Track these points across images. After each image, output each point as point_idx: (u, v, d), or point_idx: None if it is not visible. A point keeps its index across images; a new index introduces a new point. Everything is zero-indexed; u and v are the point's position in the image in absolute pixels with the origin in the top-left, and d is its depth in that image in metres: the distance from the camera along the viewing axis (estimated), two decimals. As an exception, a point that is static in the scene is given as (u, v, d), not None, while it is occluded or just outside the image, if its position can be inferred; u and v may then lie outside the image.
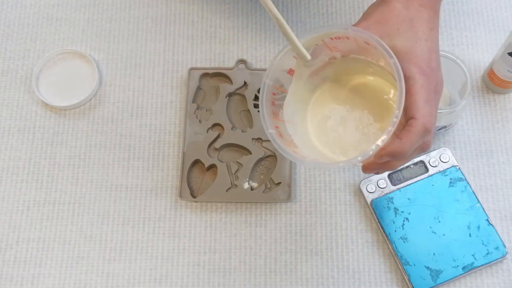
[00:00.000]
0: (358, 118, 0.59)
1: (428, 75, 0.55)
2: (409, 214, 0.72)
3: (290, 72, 0.59)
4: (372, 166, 0.56)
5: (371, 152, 0.52)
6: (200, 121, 0.78)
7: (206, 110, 0.79)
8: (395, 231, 0.71)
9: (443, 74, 0.74)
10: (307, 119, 0.61)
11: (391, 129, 0.52)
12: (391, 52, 0.53)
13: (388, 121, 0.54)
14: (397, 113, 0.52)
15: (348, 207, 0.74)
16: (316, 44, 0.58)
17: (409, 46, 0.55)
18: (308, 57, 0.56)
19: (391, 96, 0.59)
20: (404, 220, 0.72)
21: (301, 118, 0.61)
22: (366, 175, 0.75)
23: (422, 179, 0.73)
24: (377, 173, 0.60)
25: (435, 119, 0.55)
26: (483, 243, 0.71)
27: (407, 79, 0.54)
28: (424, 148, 0.56)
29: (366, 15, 0.59)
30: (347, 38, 0.56)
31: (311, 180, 0.76)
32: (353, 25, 0.57)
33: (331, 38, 0.56)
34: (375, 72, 0.59)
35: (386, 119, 0.58)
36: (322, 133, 0.60)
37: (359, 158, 0.52)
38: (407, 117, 0.54)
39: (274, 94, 0.58)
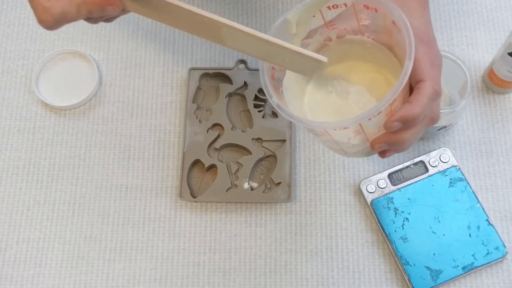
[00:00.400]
0: (357, 94, 0.58)
1: (429, 44, 0.55)
2: (409, 214, 0.72)
3: None
4: (381, 139, 0.54)
5: (389, 101, 0.49)
6: (200, 121, 0.78)
7: (206, 110, 0.79)
8: (395, 231, 0.71)
9: (443, 74, 0.74)
10: (304, 100, 0.60)
11: (404, 76, 0.49)
12: (394, 5, 0.51)
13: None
14: (408, 63, 0.49)
15: (348, 207, 0.74)
16: (314, 16, 0.56)
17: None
18: (325, 59, 0.54)
19: (391, 80, 0.58)
20: (404, 220, 0.72)
21: (301, 94, 0.60)
22: (366, 175, 0.75)
23: (422, 179, 0.73)
24: (383, 154, 0.57)
25: (440, 85, 0.54)
26: (483, 243, 0.71)
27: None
28: (433, 119, 0.55)
29: None
30: (345, 5, 0.55)
31: (311, 180, 0.76)
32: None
33: (329, 8, 0.55)
34: (370, 56, 0.58)
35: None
36: (323, 107, 0.59)
37: (374, 108, 0.49)
38: (415, 81, 0.52)
39: (273, 68, 0.57)
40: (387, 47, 0.57)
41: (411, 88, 0.54)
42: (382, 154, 0.57)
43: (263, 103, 0.78)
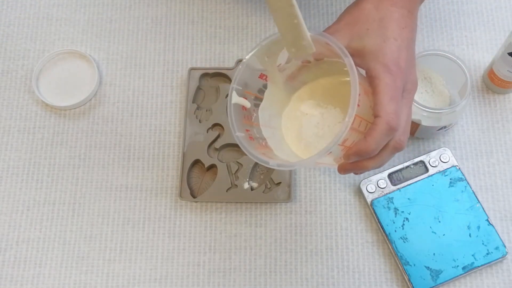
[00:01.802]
0: (333, 118, 0.59)
1: (394, 74, 0.55)
2: (409, 214, 0.72)
3: (261, 76, 0.60)
4: (345, 167, 0.56)
5: (327, 151, 0.51)
6: (200, 121, 0.78)
7: (206, 110, 0.79)
8: (395, 231, 0.71)
9: (443, 74, 0.74)
10: (283, 121, 0.61)
11: (341, 133, 0.51)
12: (345, 51, 0.53)
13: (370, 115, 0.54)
14: (350, 112, 0.51)
15: (348, 207, 0.74)
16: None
17: (377, 45, 0.55)
18: (313, 48, 0.55)
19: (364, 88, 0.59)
20: (404, 220, 0.72)
21: (279, 121, 0.61)
22: (366, 175, 0.75)
23: (422, 179, 0.73)
24: (356, 173, 0.59)
25: (404, 117, 0.55)
26: (483, 243, 0.71)
27: (373, 78, 0.54)
28: (397, 148, 0.56)
29: (338, 18, 0.59)
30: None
31: (311, 180, 0.76)
32: (325, 30, 0.57)
33: None
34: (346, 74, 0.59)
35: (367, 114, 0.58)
36: (298, 137, 0.60)
37: (316, 156, 0.52)
38: (374, 114, 0.54)
39: (245, 98, 0.59)
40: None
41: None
42: (354, 173, 0.59)
43: (263, 103, 0.78)
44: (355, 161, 0.55)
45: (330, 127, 0.59)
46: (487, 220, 0.71)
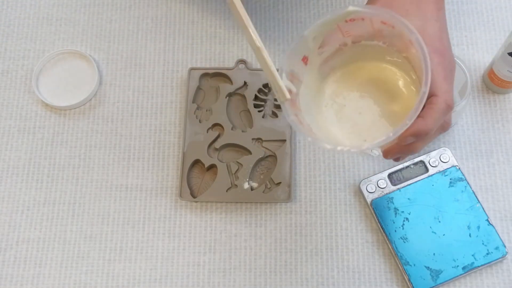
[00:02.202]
0: (373, 105, 0.59)
1: (442, 54, 0.55)
2: (409, 214, 0.72)
3: (304, 59, 0.59)
4: (394, 150, 0.55)
5: (405, 127, 0.51)
6: (200, 121, 0.78)
7: (206, 110, 0.79)
8: (395, 231, 0.71)
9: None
10: (322, 109, 0.61)
11: (420, 104, 0.51)
12: (411, 27, 0.52)
13: (402, 105, 0.54)
14: (424, 90, 0.51)
15: (348, 207, 0.74)
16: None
17: (420, 26, 0.55)
18: (287, 95, 0.55)
19: (402, 81, 0.59)
20: (404, 220, 0.72)
21: (317, 108, 0.61)
22: (366, 175, 0.75)
23: (422, 179, 0.73)
24: (397, 160, 0.59)
25: (453, 98, 0.55)
26: (483, 243, 0.71)
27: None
28: (444, 128, 0.56)
29: (369, 1, 0.59)
30: (362, 19, 0.55)
31: (311, 180, 0.76)
32: None
33: (346, 21, 0.56)
34: (384, 59, 0.59)
35: (401, 103, 0.57)
36: (339, 122, 0.60)
37: (391, 135, 0.51)
38: (428, 95, 0.53)
39: (291, 81, 0.57)
40: (401, 52, 0.58)
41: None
42: (396, 159, 0.58)
43: (263, 103, 0.78)
44: (407, 144, 0.54)
45: (374, 113, 0.59)
46: (487, 220, 0.71)
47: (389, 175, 0.74)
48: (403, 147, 0.55)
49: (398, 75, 0.59)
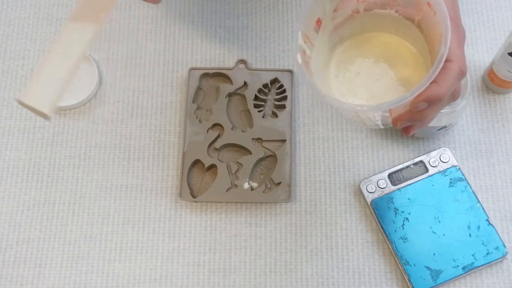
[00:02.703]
0: (388, 70, 0.59)
1: (455, 21, 0.55)
2: (409, 214, 0.72)
3: (318, 22, 0.59)
4: (405, 117, 0.55)
5: (422, 87, 0.51)
6: (200, 121, 0.78)
7: (206, 110, 0.79)
8: (395, 231, 0.71)
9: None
10: (329, 75, 0.61)
11: (439, 63, 0.51)
12: None
13: (415, 73, 0.54)
14: (443, 50, 0.51)
15: (348, 207, 0.74)
16: None
17: None
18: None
19: (412, 53, 0.59)
20: (404, 220, 0.72)
21: (324, 73, 0.61)
22: (366, 175, 0.75)
23: (422, 179, 0.73)
24: (406, 131, 0.58)
25: (466, 65, 0.55)
26: (483, 243, 0.71)
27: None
28: (455, 96, 0.56)
29: None
30: None
31: (311, 180, 0.76)
32: None
33: None
34: (394, 31, 0.60)
35: (412, 72, 0.57)
36: (353, 91, 0.60)
37: (408, 95, 0.51)
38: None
39: (304, 42, 0.58)
40: (413, 21, 0.58)
41: None
42: (406, 131, 0.58)
43: (263, 103, 0.78)
44: (418, 110, 0.54)
45: (388, 78, 0.59)
46: (487, 220, 0.71)
47: (389, 175, 0.74)
48: (414, 114, 0.54)
49: (408, 46, 0.60)
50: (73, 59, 0.53)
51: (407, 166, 0.74)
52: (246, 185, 0.74)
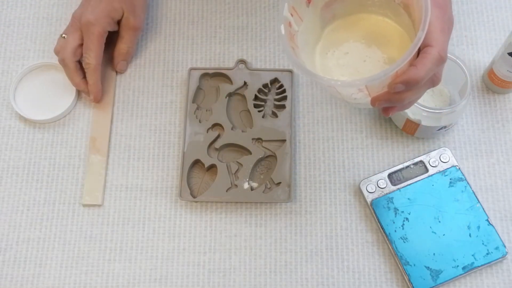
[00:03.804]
0: (377, 53, 0.60)
1: (443, 8, 0.56)
2: (409, 214, 0.72)
3: None
4: (382, 97, 0.56)
5: (396, 67, 0.52)
6: (200, 121, 0.78)
7: (206, 110, 0.79)
8: (395, 231, 0.71)
9: (443, 74, 0.74)
10: (317, 51, 0.62)
11: (414, 47, 0.51)
12: None
13: (401, 53, 0.55)
14: (420, 34, 0.52)
15: (348, 207, 0.74)
16: None
17: None
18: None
19: (401, 36, 0.60)
20: (404, 220, 0.72)
21: (312, 49, 0.62)
22: (366, 175, 0.75)
23: (422, 179, 0.73)
24: (384, 112, 0.59)
25: (447, 51, 0.56)
26: (483, 243, 0.71)
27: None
28: (434, 82, 0.57)
29: None
30: None
31: (311, 180, 0.76)
32: None
33: None
34: (385, 13, 0.61)
35: (402, 52, 0.58)
36: (340, 69, 0.61)
37: (382, 74, 0.52)
38: (423, 45, 0.54)
39: (292, 15, 0.58)
40: (402, 5, 0.59)
41: (418, 50, 0.55)
42: (385, 112, 0.59)
43: (263, 103, 0.78)
44: (396, 92, 0.55)
45: (376, 60, 0.60)
46: (487, 220, 0.71)
47: (389, 175, 0.74)
48: (392, 95, 0.55)
49: (398, 29, 0.61)
50: None
51: (407, 166, 0.74)
52: (246, 185, 0.74)
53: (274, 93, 0.79)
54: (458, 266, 0.70)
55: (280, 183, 0.74)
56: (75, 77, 0.77)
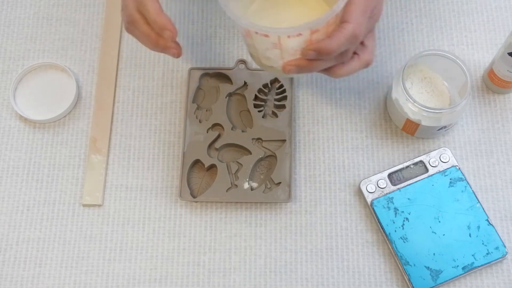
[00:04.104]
0: (302, 6, 0.63)
1: None
2: (409, 214, 0.72)
3: None
4: (294, 63, 0.60)
5: (305, 28, 0.55)
6: (200, 121, 0.78)
7: (206, 110, 0.79)
8: (395, 231, 0.71)
9: (443, 74, 0.74)
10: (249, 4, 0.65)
11: (327, 16, 0.55)
12: None
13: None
14: (335, 8, 0.55)
15: (348, 207, 0.74)
16: None
17: None
18: None
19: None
20: (404, 220, 0.72)
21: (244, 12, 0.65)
22: (366, 175, 0.75)
23: (422, 179, 0.73)
24: (298, 72, 0.62)
25: (365, 33, 0.60)
26: (483, 243, 0.71)
27: None
28: (368, 63, 0.62)
29: None
30: None
31: (311, 180, 0.76)
32: None
33: None
34: None
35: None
36: (265, 17, 0.64)
37: (293, 30, 0.55)
38: (342, 21, 0.58)
39: None
40: None
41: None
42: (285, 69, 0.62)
43: (263, 103, 0.78)
44: (305, 59, 0.59)
45: (298, 12, 0.64)
46: (487, 220, 0.71)
47: (389, 175, 0.74)
48: (303, 62, 0.59)
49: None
50: None
51: (407, 166, 0.74)
52: (246, 185, 0.74)
53: (274, 93, 0.79)
54: (458, 266, 0.70)
55: (280, 183, 0.74)
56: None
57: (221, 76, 0.80)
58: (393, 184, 0.74)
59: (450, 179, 0.73)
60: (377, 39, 0.81)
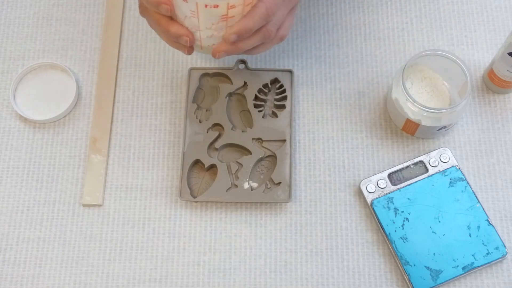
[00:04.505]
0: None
1: None
2: (409, 214, 0.72)
3: None
4: (221, 48, 0.65)
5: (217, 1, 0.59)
6: (200, 121, 0.78)
7: (206, 110, 0.79)
8: (395, 231, 0.71)
9: (443, 74, 0.74)
10: None
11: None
12: None
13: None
14: None
15: (348, 207, 0.74)
16: None
17: None
18: None
19: None
20: (404, 220, 0.72)
21: None
22: (366, 175, 0.75)
23: (422, 179, 0.73)
24: (223, 56, 0.66)
25: (283, 11, 0.65)
26: (483, 243, 0.71)
27: None
28: (265, 36, 0.65)
29: None
30: None
31: (311, 180, 0.76)
32: None
33: None
34: None
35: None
36: None
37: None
38: (257, 1, 0.62)
39: None
40: None
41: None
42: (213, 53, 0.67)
43: (263, 103, 0.78)
44: (231, 43, 0.63)
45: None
46: (487, 220, 0.71)
47: (389, 175, 0.74)
48: (229, 46, 0.64)
49: None
50: None
51: (407, 166, 0.74)
52: (246, 185, 0.74)
53: (274, 93, 0.79)
54: (458, 266, 0.70)
55: (280, 183, 0.74)
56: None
57: (221, 76, 0.80)
58: (393, 184, 0.74)
59: (450, 179, 0.73)
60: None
